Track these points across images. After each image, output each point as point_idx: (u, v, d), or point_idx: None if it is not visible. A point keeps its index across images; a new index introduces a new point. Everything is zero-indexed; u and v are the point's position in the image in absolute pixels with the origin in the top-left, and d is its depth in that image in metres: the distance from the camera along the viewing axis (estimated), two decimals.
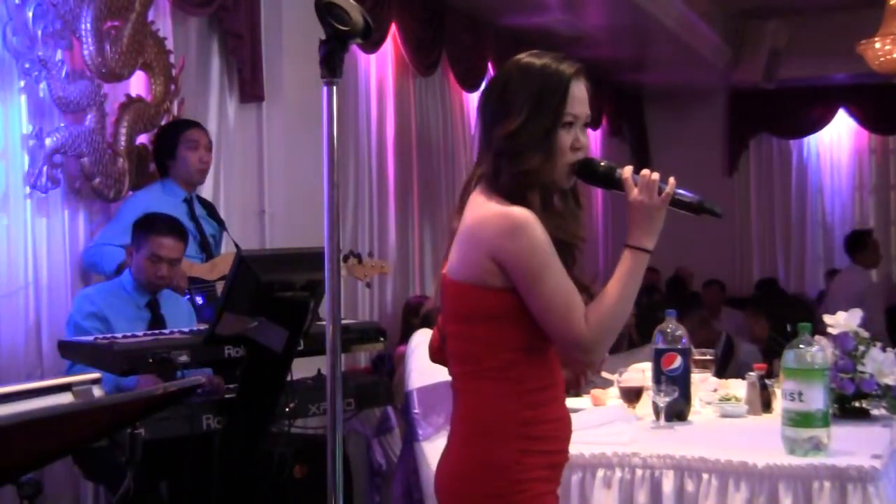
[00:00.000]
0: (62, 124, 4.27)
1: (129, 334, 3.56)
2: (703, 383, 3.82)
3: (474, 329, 2.22)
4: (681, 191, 2.23)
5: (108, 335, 3.53)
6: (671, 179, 2.22)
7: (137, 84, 4.70)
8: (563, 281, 2.16)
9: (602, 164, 2.27)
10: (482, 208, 2.19)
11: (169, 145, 4.53)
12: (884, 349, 3.47)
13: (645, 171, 2.22)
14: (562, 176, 2.23)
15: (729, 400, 3.62)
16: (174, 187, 4.50)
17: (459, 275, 2.22)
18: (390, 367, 5.58)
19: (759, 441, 3.08)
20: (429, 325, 3.22)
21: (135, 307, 3.95)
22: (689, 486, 2.94)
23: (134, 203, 4.37)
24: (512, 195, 2.17)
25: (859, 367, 3.40)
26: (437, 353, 2.42)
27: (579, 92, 2.22)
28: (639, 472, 3.00)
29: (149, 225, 3.96)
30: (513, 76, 2.22)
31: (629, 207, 2.23)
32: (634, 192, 2.21)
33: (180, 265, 4.07)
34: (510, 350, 2.19)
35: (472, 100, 7.62)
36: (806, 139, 11.98)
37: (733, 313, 8.72)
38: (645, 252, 2.21)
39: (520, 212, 2.15)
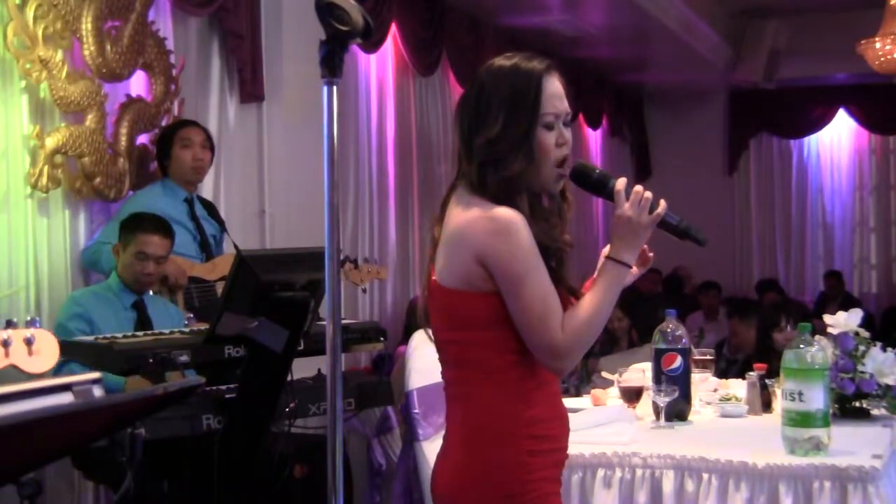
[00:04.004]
0: (63, 124, 4.27)
1: (129, 334, 3.56)
2: (703, 383, 3.82)
3: (470, 334, 2.21)
4: (670, 214, 2.24)
5: (108, 335, 3.53)
6: (662, 202, 2.23)
7: (138, 84, 4.70)
8: (544, 285, 2.15)
9: (597, 171, 2.27)
10: (467, 211, 2.18)
11: (165, 145, 4.53)
12: (884, 349, 3.47)
13: (638, 188, 2.22)
14: (550, 175, 2.22)
15: (729, 400, 3.62)
16: (174, 187, 4.50)
17: (449, 281, 2.20)
18: (391, 367, 5.57)
19: (759, 441, 3.09)
20: (415, 318, 3.21)
21: (121, 308, 3.95)
22: (690, 486, 2.94)
23: (134, 203, 4.37)
24: (499, 200, 2.16)
25: (859, 367, 3.40)
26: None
27: (554, 88, 2.20)
28: (639, 472, 3.00)
29: (135, 223, 3.97)
30: (485, 83, 2.21)
31: (616, 220, 2.24)
32: (625, 207, 2.21)
33: (167, 262, 4.07)
34: (509, 352, 2.19)
35: None
36: (806, 139, 12.00)
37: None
38: (625, 266, 2.22)
39: (506, 212, 2.14)
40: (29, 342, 1.78)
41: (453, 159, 2.28)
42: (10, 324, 2.06)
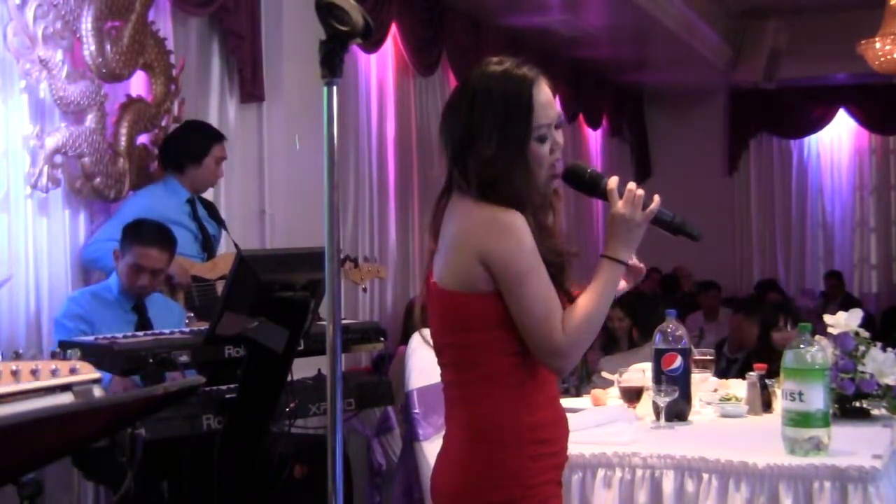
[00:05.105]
0: (63, 124, 4.27)
1: (129, 334, 3.56)
2: (703, 383, 3.82)
3: (471, 336, 2.20)
4: (664, 210, 2.25)
5: (109, 335, 3.53)
6: (656, 197, 2.24)
7: (138, 84, 4.70)
8: (545, 286, 2.16)
9: (589, 171, 2.28)
10: (469, 214, 2.18)
11: (199, 151, 4.52)
12: (884, 349, 3.47)
13: (631, 186, 2.23)
14: (545, 181, 2.22)
15: (729, 400, 3.62)
16: (178, 187, 4.50)
17: (449, 283, 2.20)
18: (391, 368, 5.57)
19: (759, 441, 3.08)
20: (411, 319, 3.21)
21: (121, 310, 3.95)
22: (690, 486, 2.94)
23: (137, 201, 4.37)
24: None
25: (859, 367, 3.40)
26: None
27: (544, 97, 2.20)
28: (639, 472, 3.00)
29: (136, 233, 3.94)
30: (476, 92, 2.20)
31: (610, 219, 2.25)
32: (619, 205, 2.22)
33: (163, 274, 4.05)
34: (509, 353, 2.19)
35: None
36: (806, 139, 12.01)
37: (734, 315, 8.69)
38: (621, 264, 2.22)
39: (508, 215, 2.15)
40: (74, 371, 1.78)
41: (441, 165, 2.27)
42: (54, 355, 2.06)
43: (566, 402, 2.41)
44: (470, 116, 2.19)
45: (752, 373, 3.67)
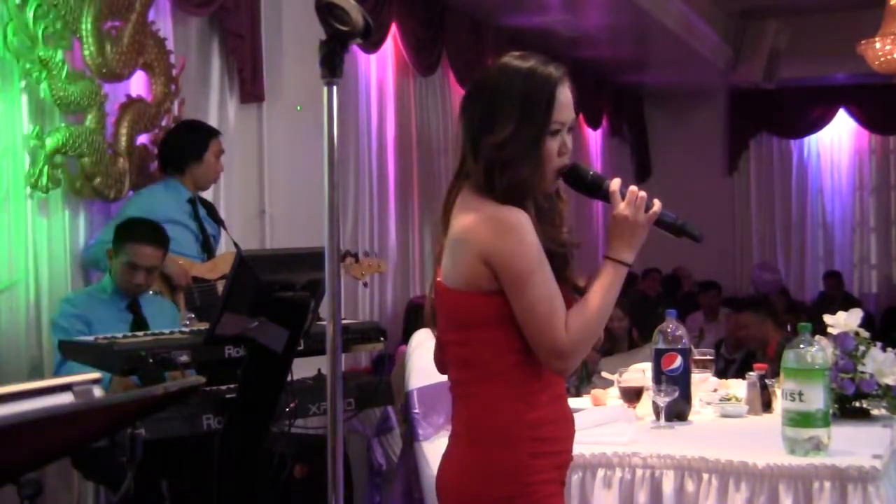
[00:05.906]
0: (63, 124, 4.27)
1: (128, 334, 3.57)
2: (703, 383, 3.82)
3: (474, 334, 2.21)
4: (666, 211, 2.26)
5: (108, 335, 3.53)
6: (656, 200, 2.25)
7: (138, 84, 4.70)
8: (549, 285, 2.16)
9: (591, 172, 2.29)
10: (474, 212, 2.18)
11: (198, 148, 4.52)
12: (884, 349, 3.47)
13: (633, 188, 2.25)
14: (549, 181, 2.23)
15: (729, 400, 3.63)
16: (179, 187, 4.49)
17: (454, 281, 2.21)
18: (391, 368, 5.57)
19: (759, 441, 3.09)
20: (416, 320, 3.20)
21: (116, 309, 3.95)
22: (690, 486, 2.94)
23: (135, 203, 4.37)
24: (506, 202, 2.17)
25: (859, 367, 3.41)
26: (442, 365, 2.41)
27: (565, 97, 2.22)
28: (639, 472, 3.00)
29: (127, 232, 3.94)
30: (500, 81, 2.21)
31: (613, 220, 2.26)
32: (621, 206, 2.23)
33: (169, 263, 4.07)
34: (512, 352, 2.19)
35: None
36: (806, 139, 12.01)
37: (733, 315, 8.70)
38: (625, 265, 2.23)
39: (511, 212, 2.15)
40: None
41: (455, 153, 2.28)
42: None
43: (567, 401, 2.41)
44: (491, 102, 2.20)
45: (752, 373, 3.67)
